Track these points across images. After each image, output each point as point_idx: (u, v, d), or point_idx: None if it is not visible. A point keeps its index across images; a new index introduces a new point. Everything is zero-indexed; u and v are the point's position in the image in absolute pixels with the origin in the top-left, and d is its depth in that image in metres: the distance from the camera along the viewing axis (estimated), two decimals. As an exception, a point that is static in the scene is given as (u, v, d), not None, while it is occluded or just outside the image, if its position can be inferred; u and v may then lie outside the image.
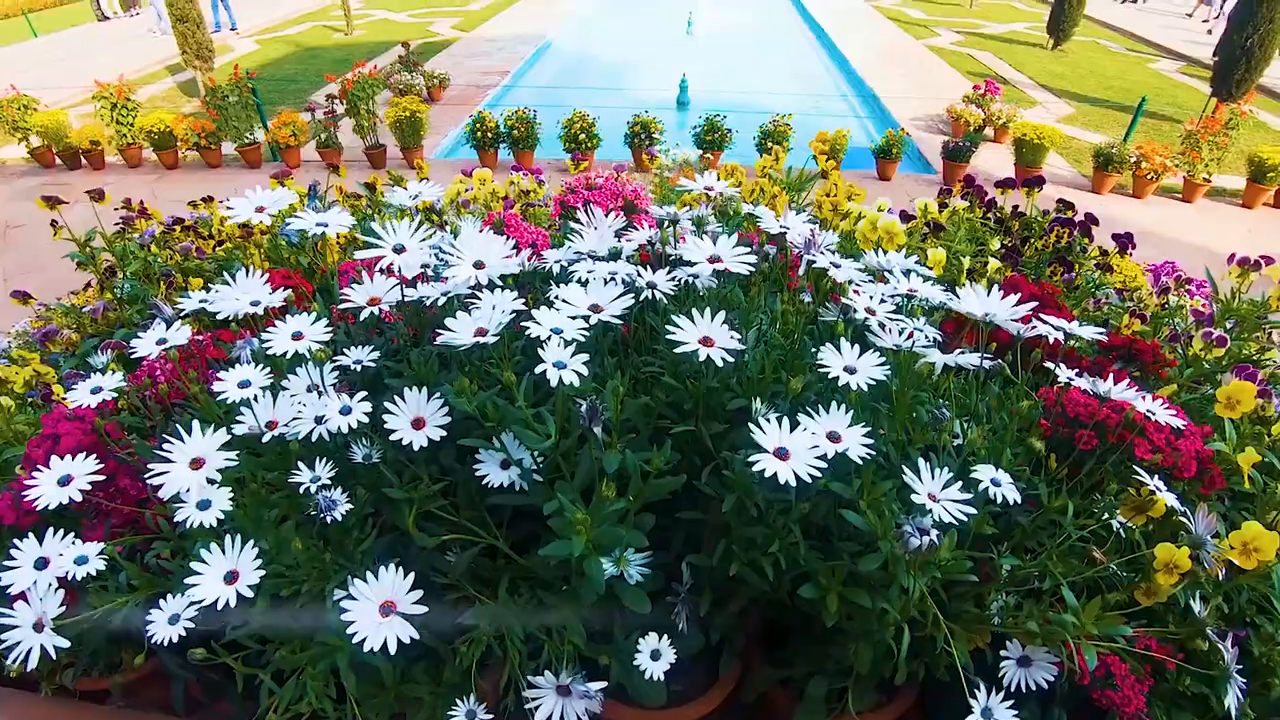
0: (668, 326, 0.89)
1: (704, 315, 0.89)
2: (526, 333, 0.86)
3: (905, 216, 1.75)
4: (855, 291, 1.02)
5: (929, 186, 7.34)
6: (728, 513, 0.98)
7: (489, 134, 7.17)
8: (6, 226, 7.03)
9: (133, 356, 1.08)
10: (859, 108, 10.51)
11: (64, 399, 1.48)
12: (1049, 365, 1.13)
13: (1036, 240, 1.74)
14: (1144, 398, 1.11)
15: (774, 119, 6.98)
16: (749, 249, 0.97)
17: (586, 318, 0.90)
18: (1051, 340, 1.08)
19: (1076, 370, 1.17)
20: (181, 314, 1.33)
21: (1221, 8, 18.61)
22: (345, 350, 1.12)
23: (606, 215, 1.36)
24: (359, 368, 1.11)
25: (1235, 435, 1.25)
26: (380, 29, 15.39)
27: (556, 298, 0.95)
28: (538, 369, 0.80)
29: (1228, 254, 6.48)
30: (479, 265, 0.99)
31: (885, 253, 1.29)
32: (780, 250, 1.09)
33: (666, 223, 1.10)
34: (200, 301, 1.31)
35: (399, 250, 0.99)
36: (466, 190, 1.88)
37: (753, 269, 0.94)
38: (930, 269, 1.50)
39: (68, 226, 1.90)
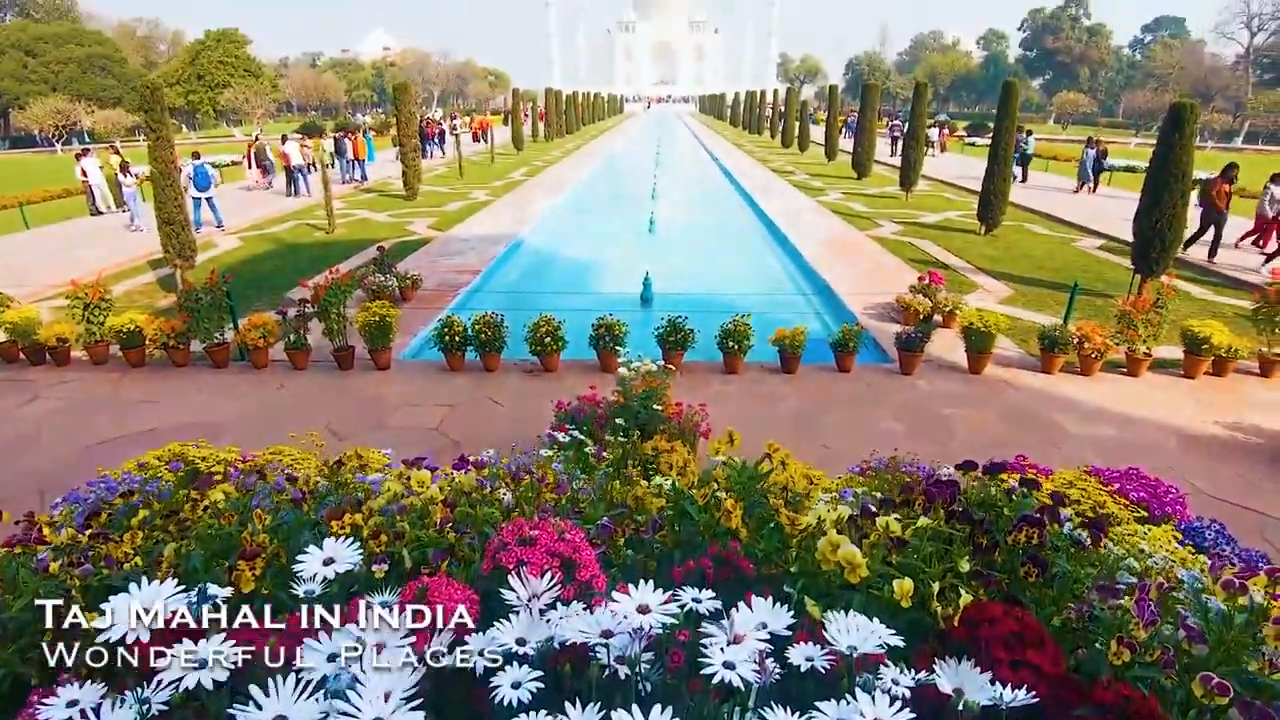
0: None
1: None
2: None
3: (867, 513, 1.68)
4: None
5: (888, 376, 7.53)
6: None
7: (457, 337, 7.30)
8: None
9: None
10: (814, 298, 11.07)
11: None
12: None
13: (1005, 535, 1.67)
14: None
15: (734, 319, 7.24)
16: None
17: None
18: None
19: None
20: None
21: (1090, 182, 22.98)
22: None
23: (541, 577, 1.25)
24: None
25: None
26: (360, 228, 16.28)
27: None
28: None
29: (1178, 426, 6.57)
30: (377, 727, 0.85)
31: (851, 610, 1.19)
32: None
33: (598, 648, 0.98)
34: (68, 705, 1.14)
35: (279, 727, 0.84)
36: (405, 494, 1.77)
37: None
38: (898, 601, 1.40)
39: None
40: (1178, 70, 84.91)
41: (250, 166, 23.37)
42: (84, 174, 18.79)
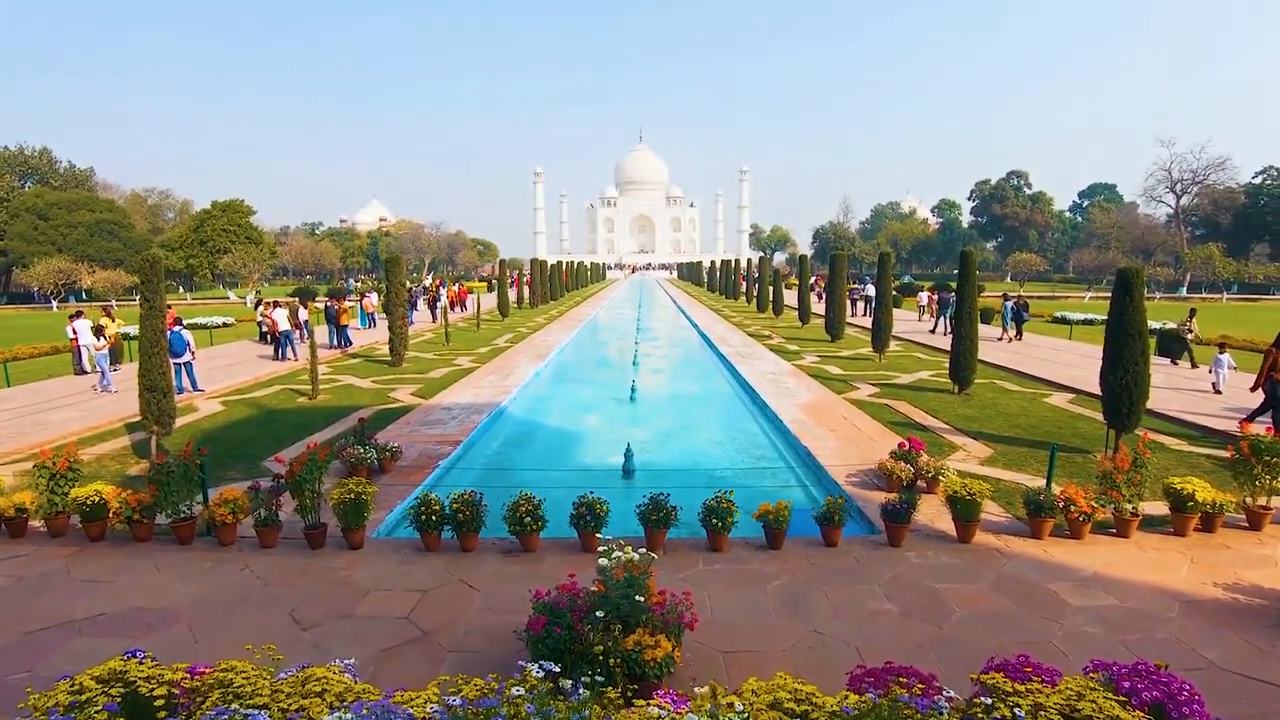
0: None
1: None
2: None
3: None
4: None
5: (875, 549, 7.33)
6: None
7: (433, 516, 7.06)
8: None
9: None
10: (796, 466, 10.94)
11: None
12: None
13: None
14: None
15: (717, 495, 7.08)
16: None
17: None
18: None
19: None
20: None
21: (1014, 330, 25.69)
22: None
23: None
24: None
25: None
26: (344, 394, 16.32)
27: None
28: None
29: (1177, 591, 6.38)
30: None
31: None
32: None
33: None
34: None
35: None
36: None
37: None
38: None
39: None
40: (1117, 230, 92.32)
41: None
42: (75, 334, 19.13)
